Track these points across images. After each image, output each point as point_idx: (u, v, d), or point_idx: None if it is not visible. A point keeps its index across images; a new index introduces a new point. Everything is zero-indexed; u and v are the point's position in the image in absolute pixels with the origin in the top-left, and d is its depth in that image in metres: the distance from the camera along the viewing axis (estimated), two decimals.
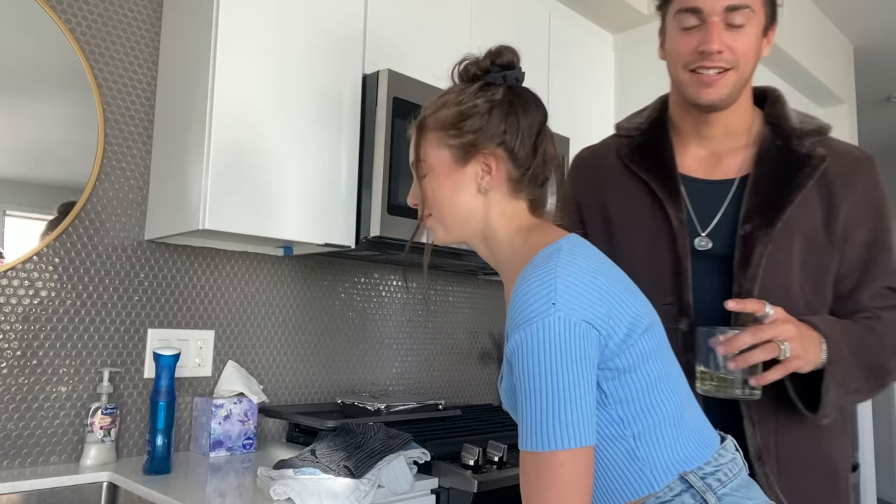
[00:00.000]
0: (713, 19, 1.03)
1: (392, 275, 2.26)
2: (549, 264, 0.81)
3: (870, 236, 1.09)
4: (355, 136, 1.75)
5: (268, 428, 1.90)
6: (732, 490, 0.84)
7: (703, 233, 1.11)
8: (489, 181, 0.92)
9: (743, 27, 1.03)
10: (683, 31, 1.07)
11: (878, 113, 4.76)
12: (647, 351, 0.83)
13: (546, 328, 0.77)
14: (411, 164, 0.98)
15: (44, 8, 1.57)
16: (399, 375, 2.25)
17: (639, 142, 1.19)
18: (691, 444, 0.85)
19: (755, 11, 1.04)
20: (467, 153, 0.92)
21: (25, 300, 1.53)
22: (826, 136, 1.13)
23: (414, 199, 0.99)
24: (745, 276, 1.05)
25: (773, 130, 1.13)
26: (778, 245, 1.06)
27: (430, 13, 1.97)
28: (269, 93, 1.59)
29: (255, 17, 1.58)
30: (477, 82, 0.94)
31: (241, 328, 1.87)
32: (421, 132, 0.96)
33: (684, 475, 0.83)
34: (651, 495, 0.83)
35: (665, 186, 1.13)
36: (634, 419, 0.83)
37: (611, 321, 0.81)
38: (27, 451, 1.50)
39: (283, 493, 1.27)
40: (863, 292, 1.09)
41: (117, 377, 1.65)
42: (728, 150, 1.14)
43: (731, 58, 1.04)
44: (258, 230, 1.56)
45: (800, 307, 1.06)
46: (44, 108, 1.56)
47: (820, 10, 3.49)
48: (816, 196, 1.08)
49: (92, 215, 1.63)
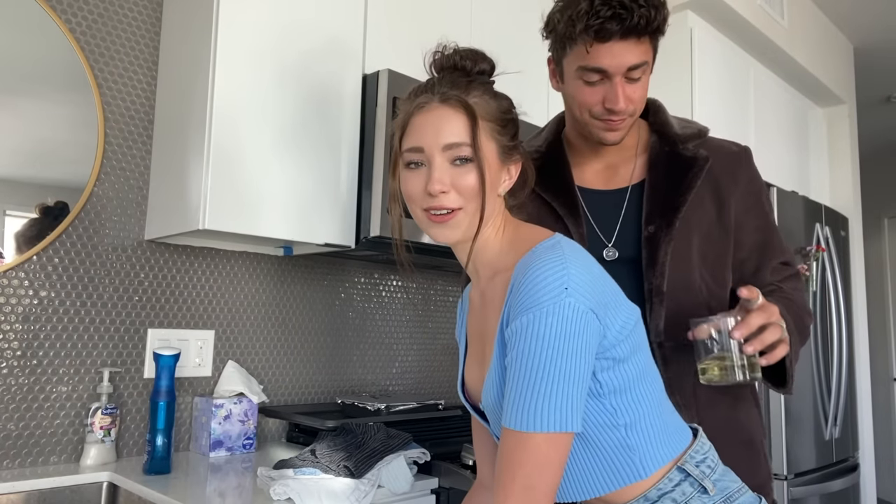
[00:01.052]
0: (617, 79, 1.08)
1: (392, 275, 2.26)
2: (557, 252, 0.83)
3: (759, 221, 1.21)
4: (355, 136, 1.75)
5: (268, 428, 1.90)
6: (720, 475, 0.88)
7: (609, 243, 1.18)
8: (506, 186, 0.94)
9: (640, 79, 1.10)
10: (587, 83, 1.11)
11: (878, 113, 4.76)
12: (636, 343, 0.87)
13: (557, 312, 0.78)
14: (448, 146, 0.87)
15: (44, 8, 1.57)
16: (399, 375, 2.25)
17: (538, 164, 1.23)
18: (675, 435, 0.89)
19: (649, 63, 1.10)
20: (507, 155, 0.92)
21: (25, 300, 1.53)
22: (705, 138, 1.23)
23: (445, 186, 0.87)
24: (653, 274, 1.13)
25: (660, 138, 1.22)
26: (678, 242, 1.15)
27: (430, 13, 1.97)
28: (269, 93, 1.59)
29: (255, 17, 1.58)
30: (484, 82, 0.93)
31: (241, 328, 1.88)
32: (472, 115, 0.87)
33: (681, 465, 0.86)
34: (651, 487, 0.85)
35: (564, 204, 1.20)
36: (626, 409, 0.85)
37: (608, 312, 0.83)
38: (27, 451, 1.51)
39: (283, 493, 1.27)
40: (764, 271, 1.21)
41: (117, 377, 1.65)
42: (622, 160, 1.23)
43: (632, 108, 1.12)
44: (258, 230, 1.56)
45: (703, 295, 1.16)
46: (44, 109, 1.56)
47: (820, 10, 3.48)
48: (706, 193, 1.18)
49: (92, 215, 1.63)
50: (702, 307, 1.15)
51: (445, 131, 0.87)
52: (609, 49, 1.06)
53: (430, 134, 0.87)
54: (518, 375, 0.79)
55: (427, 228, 0.90)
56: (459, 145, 0.86)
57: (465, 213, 0.88)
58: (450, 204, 0.87)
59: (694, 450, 0.88)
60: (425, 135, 0.88)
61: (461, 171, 0.87)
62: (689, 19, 2.69)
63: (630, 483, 0.86)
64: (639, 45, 1.06)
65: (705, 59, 2.73)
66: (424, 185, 0.87)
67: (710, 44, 2.79)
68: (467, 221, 0.88)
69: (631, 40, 1.06)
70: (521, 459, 0.78)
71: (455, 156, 0.87)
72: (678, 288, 1.14)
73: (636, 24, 1.03)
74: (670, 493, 0.85)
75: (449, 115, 0.87)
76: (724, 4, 2.66)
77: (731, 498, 0.87)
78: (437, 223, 0.88)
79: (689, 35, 2.68)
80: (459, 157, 0.87)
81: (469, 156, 0.87)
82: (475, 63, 0.92)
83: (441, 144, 0.87)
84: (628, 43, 1.06)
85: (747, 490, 0.90)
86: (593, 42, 1.06)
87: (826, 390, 3.02)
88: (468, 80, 0.90)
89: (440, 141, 0.87)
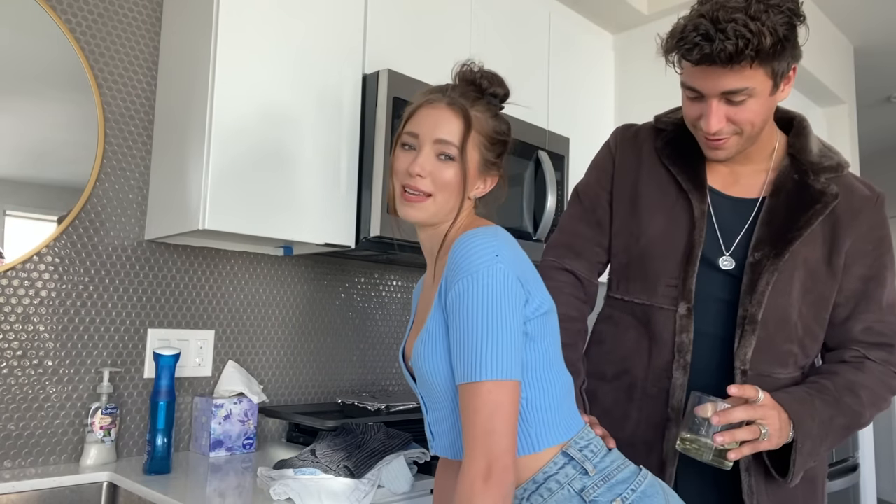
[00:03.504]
0: (713, 101, 1.05)
1: (392, 275, 2.26)
2: (490, 230, 0.95)
3: (868, 271, 1.15)
4: (355, 136, 1.75)
5: (268, 428, 1.90)
6: (602, 458, 0.98)
7: (727, 252, 1.16)
8: (478, 193, 1.06)
9: (744, 102, 1.04)
10: (689, 98, 1.10)
11: (878, 113, 4.76)
12: (546, 330, 0.97)
13: (491, 275, 0.90)
14: (439, 140, 0.99)
15: (44, 8, 1.57)
16: (399, 375, 2.25)
17: (671, 136, 1.24)
18: (567, 422, 0.99)
19: (756, 86, 1.03)
20: (487, 168, 1.04)
21: (25, 300, 1.53)
22: (843, 173, 1.17)
23: (423, 171, 0.99)
24: (750, 301, 1.12)
25: (793, 162, 1.17)
26: (782, 274, 1.12)
27: (430, 13, 1.97)
28: (269, 92, 1.59)
29: (255, 17, 1.58)
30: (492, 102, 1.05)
31: (241, 328, 1.88)
32: (468, 123, 1.00)
33: (565, 450, 0.96)
34: (538, 471, 0.95)
35: (690, 179, 1.19)
36: (529, 385, 0.96)
37: (529, 288, 0.95)
38: (27, 451, 1.50)
39: (283, 493, 1.27)
40: (854, 324, 1.15)
41: (117, 377, 1.65)
42: (749, 171, 1.19)
43: (731, 128, 1.08)
44: (258, 230, 1.56)
45: (797, 332, 1.13)
46: (44, 109, 1.56)
47: (820, 10, 3.49)
48: (823, 230, 1.13)
49: (92, 215, 1.63)
50: (793, 343, 1.13)
51: (441, 128, 1.00)
52: (702, 72, 1.04)
53: (428, 125, 1.00)
54: (462, 334, 0.90)
55: (399, 204, 1.03)
56: (448, 143, 0.99)
57: (433, 201, 1.00)
58: (423, 188, 0.99)
59: (579, 436, 0.98)
60: (424, 124, 1.01)
61: (442, 165, 1.00)
62: None
63: (525, 454, 0.95)
64: (735, 72, 1.01)
65: None
66: (408, 165, 1.00)
67: None
68: (434, 208, 1.01)
69: (725, 67, 1.01)
70: (476, 406, 0.88)
71: (442, 151, 1.00)
72: (772, 319, 1.12)
73: (717, 55, 0.99)
74: (555, 475, 0.95)
75: (449, 116, 1.00)
76: None
77: (609, 475, 0.96)
78: (407, 201, 1.01)
79: None
80: (445, 153, 1.00)
81: (453, 155, 1.00)
82: (491, 84, 1.04)
83: (434, 137, 1.00)
84: (721, 69, 1.01)
85: (628, 465, 0.99)
86: (685, 62, 1.06)
87: None
88: (476, 96, 1.03)
89: (434, 134, 1.00)
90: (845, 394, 1.10)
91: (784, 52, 1.02)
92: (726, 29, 0.98)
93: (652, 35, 2.66)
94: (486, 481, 0.85)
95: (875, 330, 1.15)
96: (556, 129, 2.33)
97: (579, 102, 2.48)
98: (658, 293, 1.19)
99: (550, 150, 2.15)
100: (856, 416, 1.11)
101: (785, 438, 1.04)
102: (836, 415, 1.09)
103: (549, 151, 2.14)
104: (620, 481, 0.96)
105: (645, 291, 1.21)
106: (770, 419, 1.01)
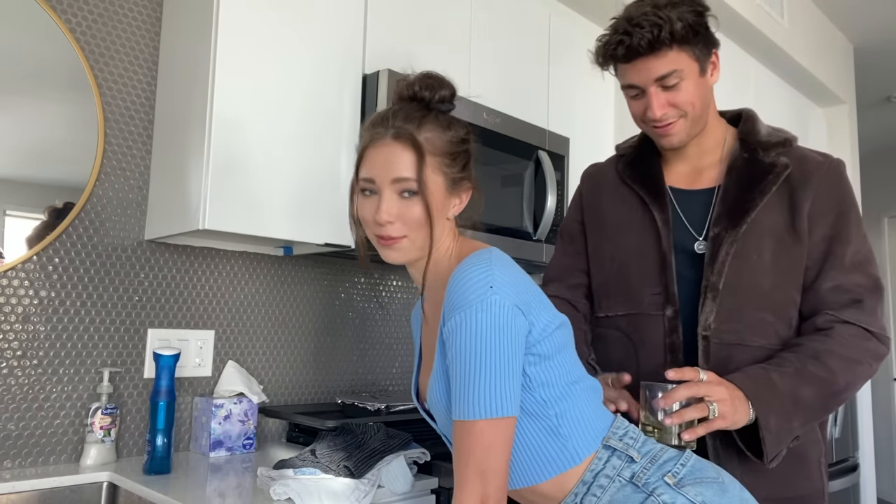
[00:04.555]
0: (650, 90, 1.17)
1: (392, 275, 2.26)
2: (484, 257, 0.93)
3: (829, 231, 1.20)
4: (355, 136, 1.75)
5: (268, 428, 1.90)
6: (643, 443, 0.98)
7: (700, 237, 1.25)
8: (456, 210, 1.03)
9: (677, 84, 1.16)
10: (631, 98, 1.23)
11: (878, 113, 4.76)
12: (561, 343, 0.96)
13: (485, 309, 0.88)
14: (396, 179, 0.95)
15: (44, 8, 1.57)
16: (399, 375, 2.25)
17: (631, 158, 1.37)
18: (600, 419, 0.99)
19: (684, 68, 1.16)
20: (456, 186, 1.00)
21: (25, 300, 1.53)
22: (792, 146, 1.25)
23: (391, 217, 0.95)
24: (711, 272, 1.19)
25: (742, 145, 1.27)
26: (747, 245, 1.19)
27: (430, 13, 1.97)
28: (269, 92, 1.59)
29: (255, 17, 1.58)
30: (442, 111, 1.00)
31: (241, 328, 1.87)
32: (420, 152, 0.95)
33: (606, 443, 0.96)
34: (585, 472, 0.95)
35: (651, 193, 1.29)
36: (555, 401, 0.95)
37: (532, 311, 0.93)
38: (27, 451, 1.50)
39: (283, 493, 1.27)
40: (822, 283, 1.19)
41: (117, 377, 1.65)
42: (706, 165, 1.29)
43: (674, 112, 1.19)
44: (258, 230, 1.56)
45: (772, 300, 1.19)
46: (44, 109, 1.56)
47: (820, 10, 3.49)
48: (782, 200, 1.21)
49: (92, 215, 1.63)
50: (766, 311, 1.18)
51: (394, 166, 0.95)
52: (633, 67, 1.18)
53: (381, 167, 0.96)
54: (457, 371, 0.89)
55: (379, 249, 1.00)
56: (407, 179, 0.95)
57: (409, 241, 0.97)
58: (395, 233, 0.96)
59: (615, 426, 0.98)
60: (376, 167, 0.97)
61: (408, 203, 0.96)
62: None
63: (565, 470, 0.95)
64: (661, 58, 1.14)
65: None
66: (374, 214, 0.97)
67: None
68: (412, 247, 0.98)
69: (650, 56, 1.15)
70: (469, 446, 0.87)
71: (402, 188, 0.96)
72: (739, 287, 1.18)
73: (639, 45, 1.13)
74: (602, 470, 0.94)
75: (398, 151, 0.96)
76: (724, 4, 2.66)
77: (655, 458, 0.96)
78: (385, 246, 0.99)
79: None
80: (406, 189, 0.96)
81: (415, 189, 0.95)
82: (434, 92, 0.99)
83: (390, 178, 0.95)
84: (647, 58, 1.15)
85: (668, 448, 0.99)
86: (618, 64, 1.21)
87: None
88: (422, 114, 0.98)
89: (389, 175, 0.95)
90: (809, 363, 1.12)
91: (698, 36, 1.15)
92: (641, 22, 1.13)
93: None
94: None
95: (843, 287, 1.18)
96: (556, 129, 2.33)
97: (579, 102, 2.48)
98: (644, 302, 1.26)
99: (550, 150, 2.15)
100: (826, 384, 1.11)
101: (744, 416, 1.06)
102: (799, 385, 1.10)
103: (549, 151, 2.14)
104: (668, 459, 0.96)
105: (629, 303, 1.29)
106: (716, 393, 1.04)
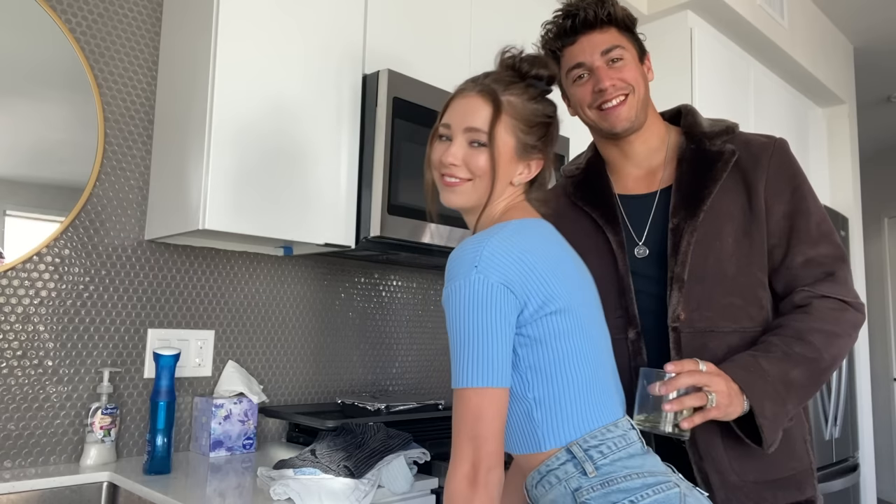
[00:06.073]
0: (597, 64, 1.22)
1: (392, 275, 2.26)
2: (486, 234, 0.96)
3: (788, 207, 1.21)
4: (355, 136, 1.75)
5: (268, 428, 1.90)
6: (612, 461, 0.94)
7: (640, 241, 1.26)
8: (522, 178, 1.06)
9: (622, 59, 1.22)
10: (577, 82, 1.25)
11: (878, 113, 4.76)
12: (559, 330, 0.96)
13: (468, 285, 0.92)
14: (468, 129, 1.01)
15: (44, 8, 1.57)
16: (399, 375, 2.25)
17: (579, 179, 1.37)
18: (581, 420, 0.96)
19: (626, 48, 1.23)
20: (526, 152, 1.05)
21: (25, 300, 1.53)
22: (735, 133, 1.28)
23: (456, 160, 1.02)
24: (675, 262, 1.19)
25: (688, 138, 1.28)
26: (707, 232, 1.20)
27: (430, 13, 1.97)
28: (269, 93, 1.59)
29: (255, 17, 1.58)
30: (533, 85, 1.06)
31: (241, 328, 1.88)
32: (497, 109, 1.01)
33: (569, 446, 0.95)
34: (542, 462, 0.96)
35: (603, 214, 1.29)
36: (538, 385, 0.95)
37: (527, 290, 0.94)
38: (27, 451, 1.51)
39: (283, 493, 1.27)
40: (793, 258, 1.20)
41: (117, 377, 1.65)
42: (657, 165, 1.30)
43: (623, 85, 1.22)
44: (258, 230, 1.56)
45: (739, 284, 1.19)
46: (44, 109, 1.56)
47: (820, 10, 3.49)
48: (736, 184, 1.22)
49: (92, 215, 1.63)
50: (734, 296, 1.19)
51: (470, 116, 1.02)
52: (578, 45, 1.24)
53: (458, 115, 1.04)
54: (450, 342, 0.94)
55: (441, 191, 1.06)
56: (478, 130, 1.01)
57: (471, 185, 1.03)
58: (460, 175, 1.02)
59: (592, 434, 0.95)
60: (455, 115, 1.04)
61: (475, 152, 1.02)
62: (689, 19, 2.69)
63: (531, 452, 0.97)
64: (604, 34, 1.22)
65: (705, 59, 2.73)
66: (441, 155, 1.04)
67: (710, 44, 2.79)
68: (472, 193, 1.03)
69: (594, 32, 1.22)
70: (461, 413, 0.91)
71: (472, 138, 1.02)
72: (708, 276, 1.19)
73: (582, 22, 1.22)
74: (555, 470, 0.95)
75: (478, 104, 1.03)
76: (724, 4, 2.66)
77: (611, 481, 0.92)
78: (445, 187, 1.04)
79: (690, 35, 2.68)
80: (476, 140, 1.02)
81: (484, 141, 1.01)
82: (532, 67, 1.06)
83: (463, 126, 1.02)
84: (592, 34, 1.22)
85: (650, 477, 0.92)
86: (563, 47, 1.25)
87: (826, 390, 3.02)
88: (513, 80, 1.04)
89: (463, 123, 1.02)
90: (794, 344, 1.12)
91: (633, 29, 1.25)
92: (581, 4, 1.23)
93: (652, 35, 2.66)
94: (472, 485, 0.89)
95: (815, 261, 1.19)
96: None
97: None
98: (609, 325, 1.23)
99: None
100: (813, 363, 1.12)
101: (739, 407, 1.06)
102: (789, 368, 1.11)
103: None
104: (622, 490, 0.90)
105: None
106: (716, 384, 1.05)
